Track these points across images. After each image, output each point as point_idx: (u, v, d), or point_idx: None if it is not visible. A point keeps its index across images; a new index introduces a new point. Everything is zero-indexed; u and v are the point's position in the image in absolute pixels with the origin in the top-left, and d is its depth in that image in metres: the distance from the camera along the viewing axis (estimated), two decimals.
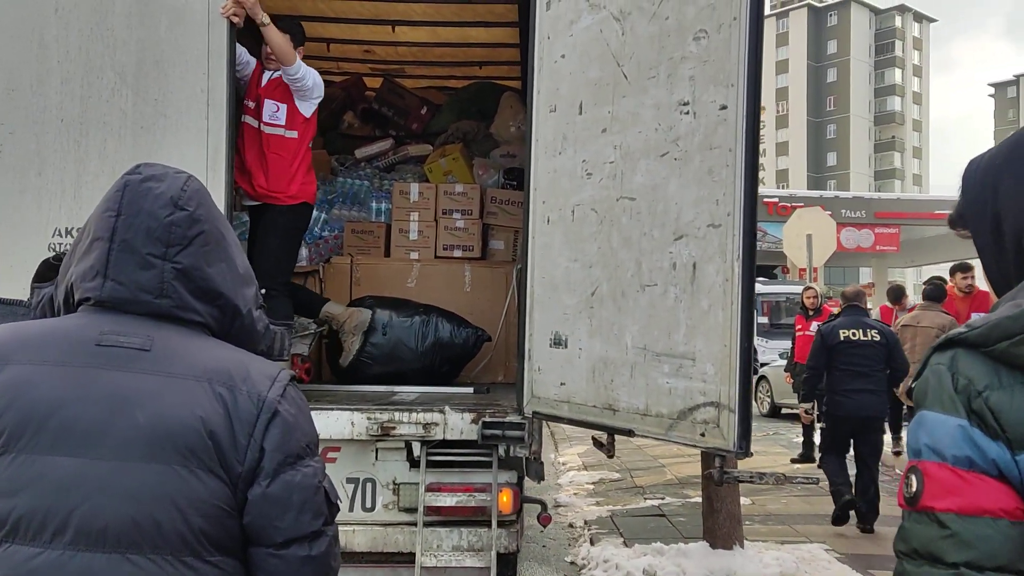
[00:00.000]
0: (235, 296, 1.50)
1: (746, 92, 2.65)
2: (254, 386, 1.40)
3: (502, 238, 5.69)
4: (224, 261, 1.49)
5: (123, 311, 1.41)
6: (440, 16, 7.61)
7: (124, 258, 1.40)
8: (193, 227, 1.44)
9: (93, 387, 1.34)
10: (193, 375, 1.37)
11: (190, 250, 1.43)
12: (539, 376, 3.62)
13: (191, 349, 1.41)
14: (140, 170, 1.47)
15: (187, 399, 1.35)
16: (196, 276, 1.43)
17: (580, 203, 3.40)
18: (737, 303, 2.65)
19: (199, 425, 1.34)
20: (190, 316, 1.44)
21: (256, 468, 1.36)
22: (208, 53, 3.60)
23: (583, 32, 3.41)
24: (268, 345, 1.63)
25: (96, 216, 1.45)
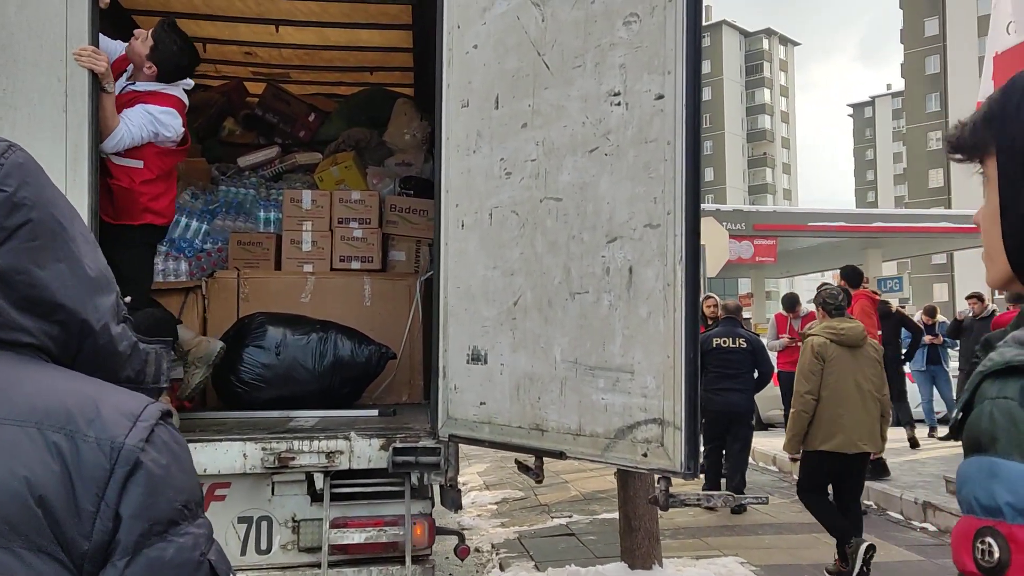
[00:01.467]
0: (82, 308, 1.09)
1: (684, 79, 2.44)
2: (105, 429, 0.99)
3: (403, 248, 5.34)
4: (64, 260, 1.09)
5: None
6: (328, 16, 7.19)
7: None
8: (15, 214, 1.04)
9: None
10: (14, 418, 0.97)
11: (11, 246, 1.03)
12: (455, 395, 3.31)
13: (12, 382, 1.00)
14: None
15: (4, 453, 0.95)
16: (20, 282, 1.03)
17: (499, 205, 3.12)
18: (681, 310, 2.43)
19: (22, 489, 0.93)
20: (14, 336, 1.03)
21: (110, 544, 0.96)
22: (66, 37, 3.12)
23: (498, 19, 3.14)
24: (137, 370, 1.23)
25: None
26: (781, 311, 9.89)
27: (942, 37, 62.64)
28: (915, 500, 7.35)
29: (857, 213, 27.75)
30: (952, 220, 24.75)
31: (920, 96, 66.97)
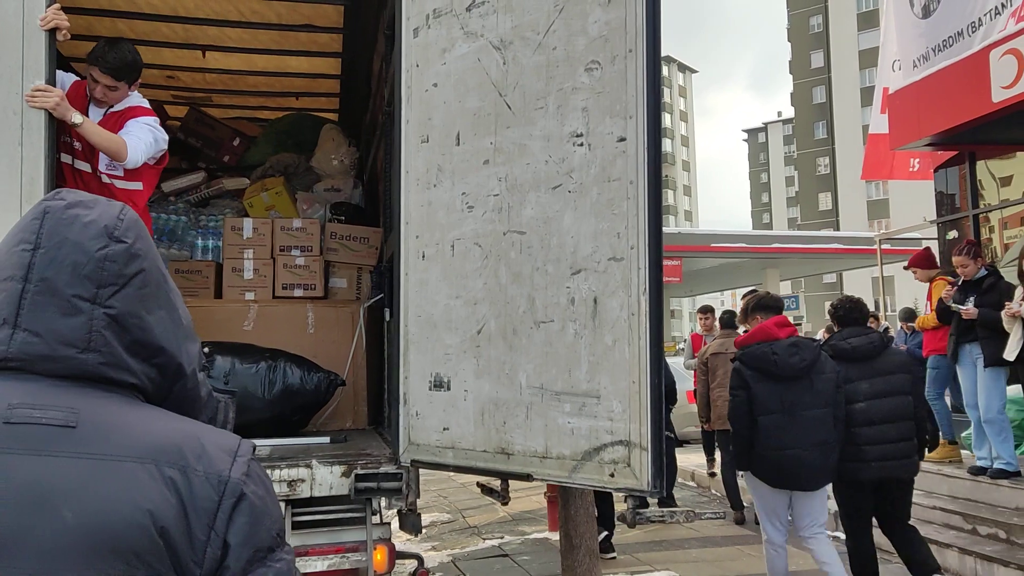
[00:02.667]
0: (178, 352, 1.20)
1: (646, 124, 2.64)
2: (211, 464, 1.10)
3: (344, 275, 5.39)
4: (164, 308, 1.19)
5: (34, 372, 1.08)
6: (257, 43, 7.17)
7: (43, 302, 1.08)
8: (131, 264, 1.14)
9: (2, 480, 1.01)
10: (134, 455, 1.06)
11: (127, 292, 1.13)
12: (417, 421, 3.40)
13: (127, 421, 1.10)
14: (63, 195, 1.16)
15: (128, 488, 1.04)
16: (132, 325, 1.13)
17: (461, 237, 3.26)
18: (645, 338, 2.62)
19: (147, 521, 1.03)
20: (122, 376, 1.13)
21: (218, 569, 1.07)
22: (23, 69, 3.08)
23: (458, 60, 3.29)
24: (210, 416, 1.33)
25: (5, 251, 1.11)
26: (696, 331, 10.31)
27: (827, 69, 66.49)
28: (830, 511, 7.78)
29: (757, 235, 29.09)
30: (842, 241, 26.30)
31: (809, 123, 70.75)
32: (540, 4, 2.97)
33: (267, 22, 6.72)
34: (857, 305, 4.93)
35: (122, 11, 6.33)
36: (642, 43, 2.66)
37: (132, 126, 3.57)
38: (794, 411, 4.38)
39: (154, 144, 3.62)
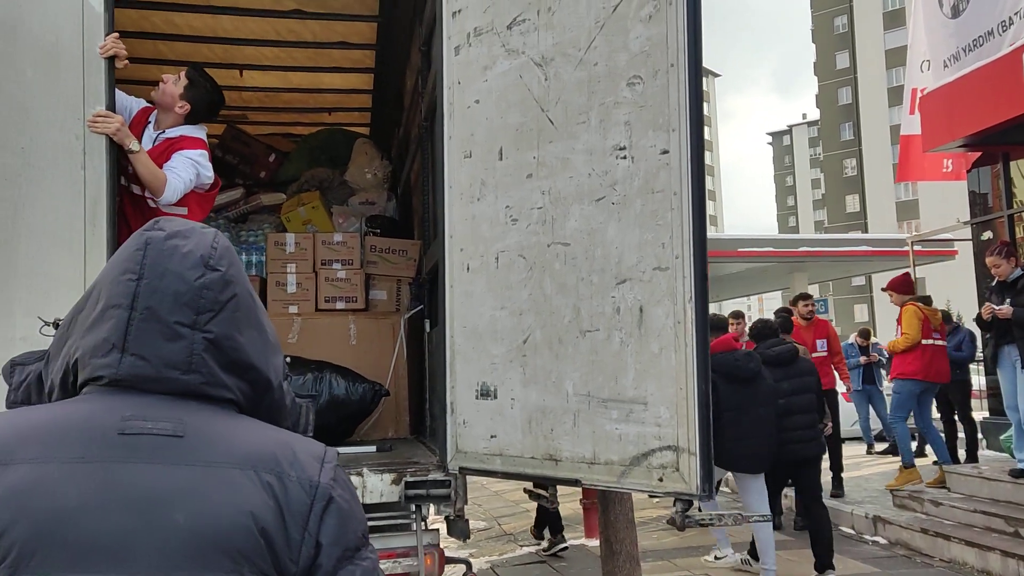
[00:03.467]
0: (266, 367, 1.29)
1: (688, 136, 2.71)
2: (303, 471, 1.19)
3: (384, 288, 5.49)
4: (255, 328, 1.28)
5: (144, 391, 1.17)
6: (293, 61, 7.34)
7: (147, 328, 1.17)
8: (226, 290, 1.23)
9: (119, 487, 1.09)
10: (235, 463, 1.15)
11: (222, 316, 1.22)
12: (464, 430, 3.48)
13: (227, 432, 1.19)
14: (161, 226, 1.25)
15: (232, 492, 1.13)
16: (228, 346, 1.22)
17: (505, 249, 3.34)
18: (692, 345, 2.68)
19: (250, 523, 1.12)
20: (220, 393, 1.22)
21: (312, 567, 1.16)
22: (84, 97, 3.22)
23: (500, 77, 3.37)
24: (294, 421, 1.42)
25: (109, 280, 1.21)
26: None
27: (853, 70, 65.94)
28: (865, 515, 7.76)
29: (783, 239, 28.88)
30: (872, 244, 26.03)
31: (835, 125, 70.16)
32: (581, 21, 3.05)
33: (302, 40, 6.88)
34: (768, 324, 6.68)
35: (164, 33, 6.51)
36: (684, 57, 2.72)
37: (176, 160, 3.68)
38: (747, 408, 5.50)
39: (194, 180, 3.73)
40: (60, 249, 3.18)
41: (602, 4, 2.99)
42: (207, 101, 3.95)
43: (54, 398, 1.25)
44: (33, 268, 3.15)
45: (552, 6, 3.16)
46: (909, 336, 7.73)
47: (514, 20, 3.31)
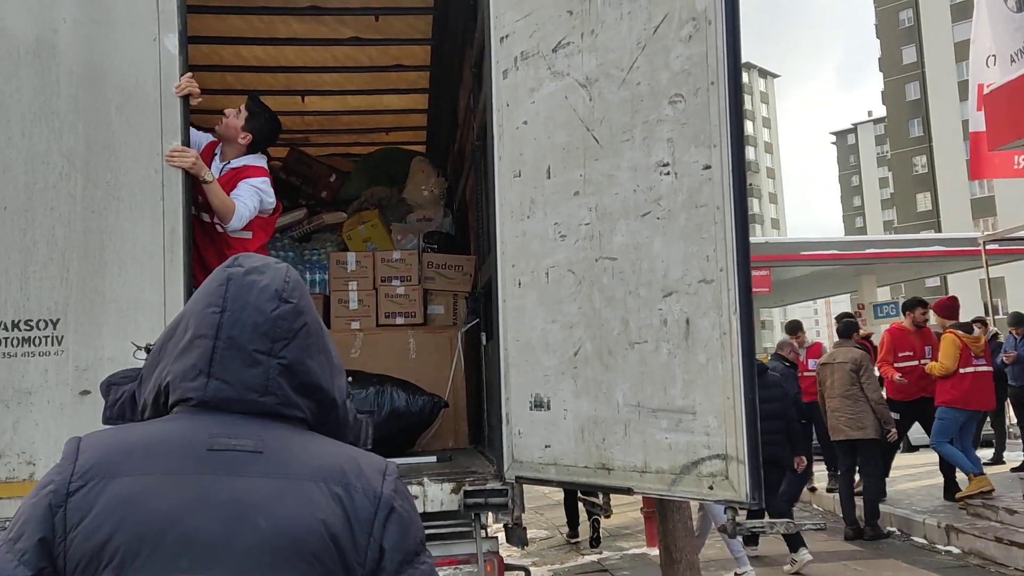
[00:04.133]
0: (332, 388, 1.44)
1: (730, 152, 2.79)
2: (368, 482, 1.33)
3: (442, 303, 5.66)
4: (323, 352, 1.43)
5: (227, 411, 1.32)
6: (351, 85, 7.62)
7: (230, 355, 1.33)
8: (297, 319, 1.38)
9: (210, 496, 1.24)
10: (308, 475, 1.30)
11: (295, 344, 1.37)
12: (520, 440, 3.60)
13: (300, 447, 1.34)
14: (240, 262, 1.41)
15: (307, 502, 1.27)
16: (300, 371, 1.37)
17: (555, 265, 3.45)
18: (738, 355, 2.74)
19: (322, 529, 1.26)
20: (292, 412, 1.37)
21: (376, 569, 1.30)
22: (162, 133, 3.46)
23: (546, 99, 3.50)
24: (355, 436, 1.56)
25: (196, 312, 1.37)
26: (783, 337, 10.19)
27: (920, 64, 64.06)
28: (938, 524, 7.59)
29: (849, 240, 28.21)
30: (944, 243, 25.20)
31: (903, 122, 68.21)
32: (623, 43, 3.16)
33: (360, 65, 7.14)
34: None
35: (231, 65, 6.85)
36: (723, 75, 2.81)
37: (242, 189, 3.93)
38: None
39: (258, 207, 3.98)
40: (142, 275, 3.42)
41: (643, 26, 3.09)
42: (267, 130, 4.22)
43: (146, 416, 1.41)
44: (118, 293, 3.40)
45: (595, 29, 3.28)
46: (944, 366, 7.82)
47: (559, 43, 3.43)
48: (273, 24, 6.22)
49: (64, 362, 3.33)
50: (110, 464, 1.25)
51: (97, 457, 1.26)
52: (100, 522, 1.20)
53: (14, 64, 3.38)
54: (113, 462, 1.25)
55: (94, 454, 1.27)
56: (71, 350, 3.34)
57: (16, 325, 3.29)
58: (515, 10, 3.65)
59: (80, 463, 1.26)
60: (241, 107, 4.19)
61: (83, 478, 1.24)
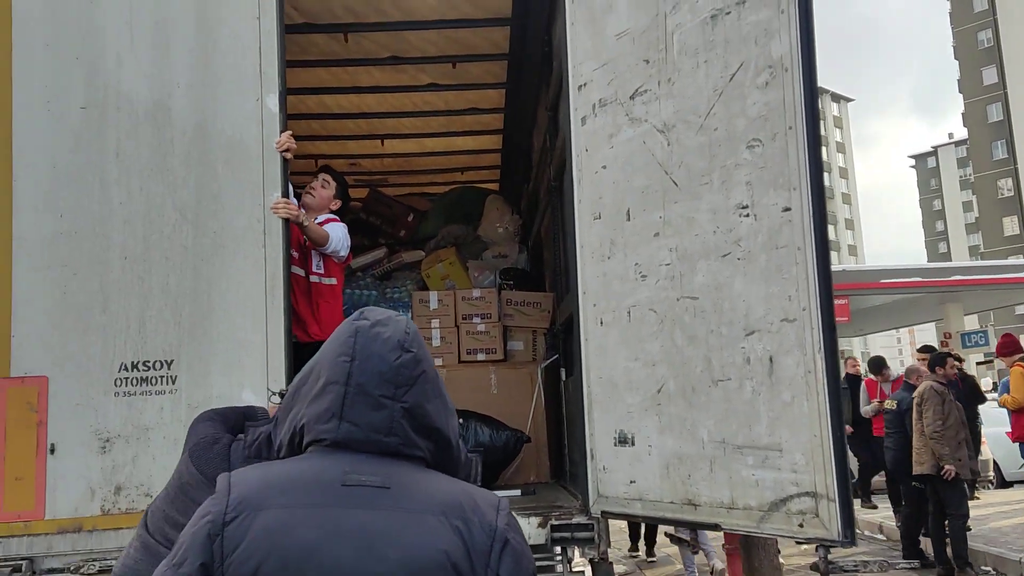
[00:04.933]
0: (447, 429, 1.57)
1: (810, 193, 2.85)
2: (484, 516, 1.45)
3: (521, 339, 5.80)
4: (439, 397, 1.56)
5: (356, 450, 1.46)
6: (428, 128, 7.90)
7: (359, 400, 1.47)
8: (417, 367, 1.52)
9: (344, 527, 1.38)
10: (431, 510, 1.43)
11: (415, 389, 1.50)
12: (605, 475, 3.67)
13: (422, 484, 1.47)
14: (366, 316, 1.55)
15: (430, 534, 1.40)
16: (419, 414, 1.50)
17: (636, 304, 3.54)
18: (824, 393, 2.78)
19: (445, 559, 1.38)
20: (413, 451, 1.50)
21: None
22: (263, 185, 3.72)
23: (624, 144, 3.62)
24: (466, 474, 1.69)
25: (328, 361, 1.51)
26: (869, 376, 9.97)
27: (1002, 85, 61.95)
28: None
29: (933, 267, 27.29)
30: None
31: (985, 144, 65.89)
32: (700, 90, 3.27)
33: (437, 110, 7.42)
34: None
35: (315, 113, 7.21)
36: (801, 120, 2.88)
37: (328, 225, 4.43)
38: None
39: (342, 239, 4.46)
40: (245, 318, 3.65)
41: (720, 73, 3.19)
42: (345, 190, 4.78)
43: (282, 455, 1.57)
44: (225, 335, 3.64)
45: (672, 77, 3.40)
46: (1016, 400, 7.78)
47: (636, 91, 3.56)
48: (357, 74, 6.54)
49: (178, 400, 3.57)
50: (258, 498, 1.40)
51: (246, 491, 1.42)
52: (252, 550, 1.35)
53: (134, 125, 3.69)
54: (260, 496, 1.40)
55: (244, 489, 1.43)
56: (184, 389, 3.59)
57: (135, 366, 3.55)
58: (593, 60, 3.80)
59: (233, 496, 1.41)
60: (327, 179, 4.65)
61: (236, 510, 1.39)
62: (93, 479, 3.48)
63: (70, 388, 3.46)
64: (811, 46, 2.90)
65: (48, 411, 3.50)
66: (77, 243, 3.58)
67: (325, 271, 4.43)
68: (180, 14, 3.75)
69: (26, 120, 3.64)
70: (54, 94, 3.66)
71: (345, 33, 5.77)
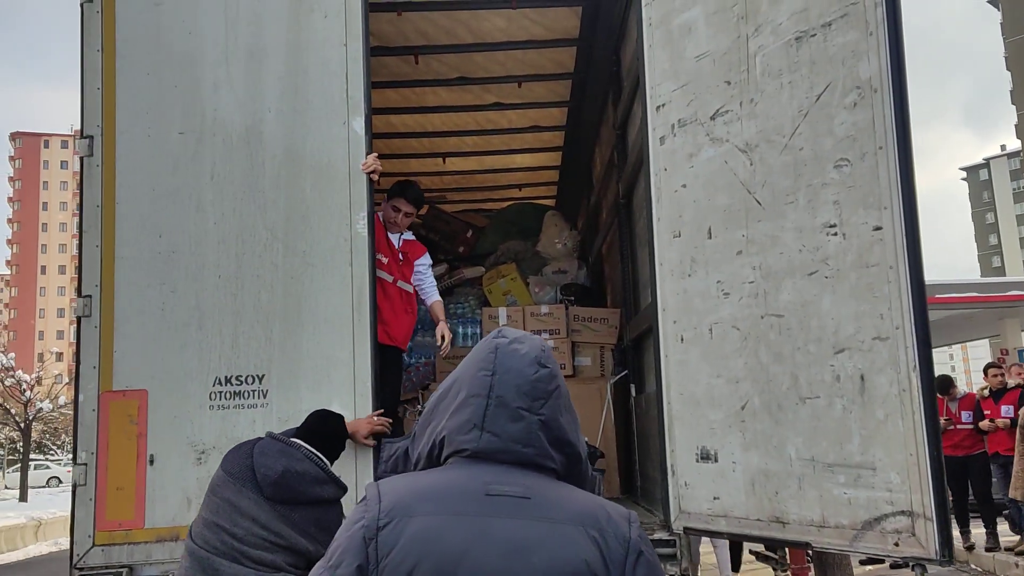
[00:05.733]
0: (578, 443, 1.63)
1: (902, 212, 2.86)
2: (618, 528, 1.51)
3: (588, 354, 5.84)
4: (570, 411, 1.63)
5: (495, 461, 1.53)
6: (489, 146, 8.02)
7: (499, 412, 1.53)
8: (552, 382, 1.59)
9: (491, 534, 1.45)
10: (569, 520, 1.49)
11: (550, 403, 1.57)
12: (686, 491, 3.69)
13: (559, 495, 1.53)
14: (504, 334, 1.63)
15: (571, 544, 1.46)
16: (554, 426, 1.57)
17: (718, 321, 3.57)
18: (920, 412, 2.78)
19: (585, 568, 1.44)
20: (547, 463, 1.56)
21: None
22: (350, 205, 3.84)
23: (705, 163, 3.66)
24: (591, 488, 1.75)
25: (469, 376, 1.58)
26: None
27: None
28: None
29: (989, 282, 26.66)
30: None
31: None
32: (784, 110, 3.30)
33: (499, 128, 7.54)
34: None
35: (381, 133, 7.36)
36: (892, 139, 2.90)
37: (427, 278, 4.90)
38: None
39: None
40: (333, 334, 3.76)
41: (805, 94, 3.22)
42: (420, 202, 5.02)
43: (420, 467, 1.64)
44: (313, 351, 3.75)
45: (755, 97, 3.43)
46: None
47: (717, 111, 3.61)
48: (424, 94, 6.68)
49: (269, 413, 3.69)
50: (407, 506, 1.47)
51: (396, 500, 1.49)
52: (405, 554, 1.42)
53: (228, 150, 3.84)
54: (409, 504, 1.48)
55: (394, 497, 1.50)
56: (274, 403, 3.71)
57: (228, 380, 3.68)
58: (671, 81, 3.85)
59: (384, 504, 1.49)
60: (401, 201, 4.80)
61: (388, 516, 1.47)
62: (189, 489, 3.61)
63: (168, 401, 3.60)
64: (901, 67, 2.92)
65: (148, 423, 3.64)
66: (175, 262, 3.74)
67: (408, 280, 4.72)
68: (272, 42, 3.90)
69: (128, 145, 3.81)
70: (154, 120, 3.84)
71: (416, 55, 5.92)
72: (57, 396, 29.73)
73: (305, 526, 2.96)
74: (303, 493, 3.00)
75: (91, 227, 3.77)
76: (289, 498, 2.97)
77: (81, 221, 3.79)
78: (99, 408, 3.65)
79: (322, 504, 3.04)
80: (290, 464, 3.00)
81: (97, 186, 3.78)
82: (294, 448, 3.10)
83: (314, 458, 3.07)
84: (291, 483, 2.97)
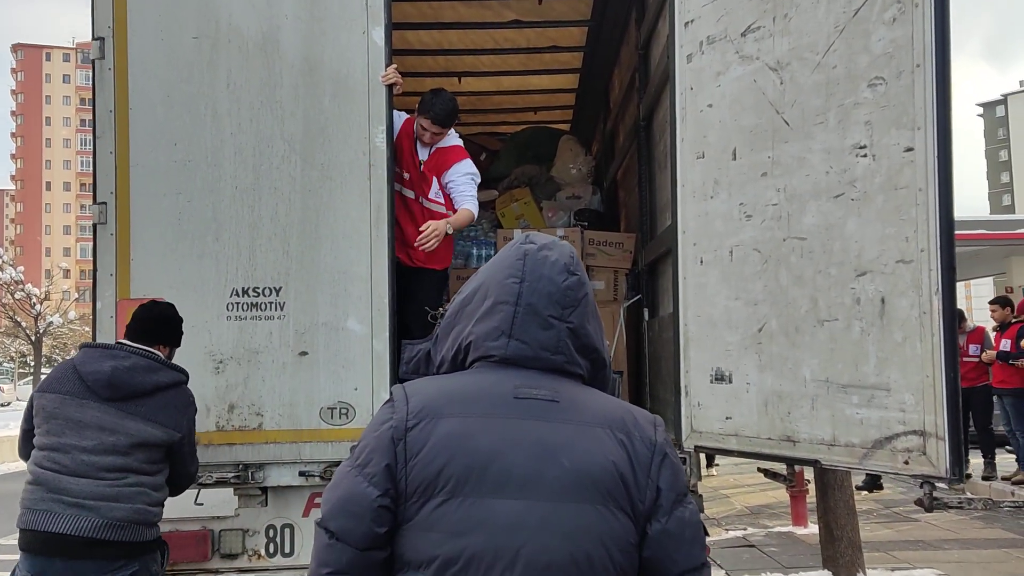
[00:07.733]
0: (602, 349, 1.64)
1: (936, 134, 2.80)
2: (644, 431, 1.53)
3: (603, 278, 5.82)
4: (595, 318, 1.63)
5: (524, 367, 1.54)
6: (506, 66, 7.85)
7: (528, 320, 1.54)
8: (581, 290, 1.58)
9: (521, 436, 1.47)
10: (597, 423, 1.51)
11: (578, 311, 1.57)
12: (699, 411, 3.73)
13: (586, 399, 1.55)
14: (533, 240, 1.61)
15: (599, 445, 1.48)
16: (582, 334, 1.57)
17: (739, 244, 3.55)
18: (939, 335, 2.78)
19: (612, 468, 1.47)
20: (575, 369, 1.57)
21: (654, 506, 1.49)
22: (369, 119, 3.77)
23: (733, 82, 3.58)
24: (612, 392, 1.76)
25: (496, 282, 1.58)
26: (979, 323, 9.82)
27: None
28: None
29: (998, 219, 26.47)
30: None
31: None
32: (819, 26, 3.20)
33: (517, 47, 7.36)
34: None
35: (394, 49, 7.18)
36: (931, 57, 2.81)
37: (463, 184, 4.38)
38: None
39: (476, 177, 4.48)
40: (351, 248, 3.75)
41: (842, 9, 3.12)
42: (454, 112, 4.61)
43: (443, 370, 1.65)
44: (331, 265, 3.75)
45: (788, 12, 3.33)
46: None
47: (748, 28, 3.50)
48: (441, 10, 6.51)
49: (286, 326, 3.71)
50: (436, 407, 1.49)
51: (425, 401, 1.51)
52: (435, 454, 1.45)
53: (244, 58, 3.76)
54: (438, 405, 1.49)
55: (422, 398, 1.52)
56: (291, 315, 3.72)
57: (246, 291, 3.69)
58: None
59: (412, 405, 1.51)
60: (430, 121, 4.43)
61: (416, 417, 1.48)
62: (208, 397, 3.66)
63: (185, 310, 3.61)
64: None
65: None
66: (191, 172, 3.70)
67: (445, 201, 4.39)
68: None
69: (141, 48, 3.73)
70: (167, 23, 3.74)
71: None
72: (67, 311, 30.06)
73: (153, 415, 3.14)
74: (140, 384, 3.15)
75: (104, 133, 3.72)
76: (128, 393, 3.13)
77: (94, 127, 3.74)
78: (116, 315, 3.67)
79: (165, 389, 3.22)
80: (116, 363, 3.14)
81: (110, 90, 3.71)
82: (115, 348, 3.29)
83: (140, 351, 3.23)
84: (123, 378, 3.12)
